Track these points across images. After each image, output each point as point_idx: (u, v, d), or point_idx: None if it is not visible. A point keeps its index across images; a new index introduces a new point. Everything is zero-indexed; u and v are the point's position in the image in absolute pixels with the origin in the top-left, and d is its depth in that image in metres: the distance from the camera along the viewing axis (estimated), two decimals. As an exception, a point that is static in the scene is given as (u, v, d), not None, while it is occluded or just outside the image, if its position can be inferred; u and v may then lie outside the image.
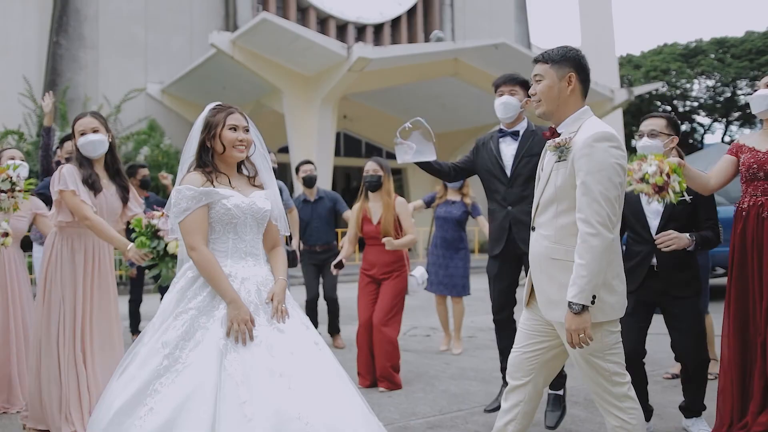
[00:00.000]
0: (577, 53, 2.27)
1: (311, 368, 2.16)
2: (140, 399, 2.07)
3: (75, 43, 15.91)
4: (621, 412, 2.20)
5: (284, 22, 12.43)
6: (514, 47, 14.89)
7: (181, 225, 2.25)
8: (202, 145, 2.34)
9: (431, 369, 4.67)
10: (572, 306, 2.08)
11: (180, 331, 2.14)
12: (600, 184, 2.08)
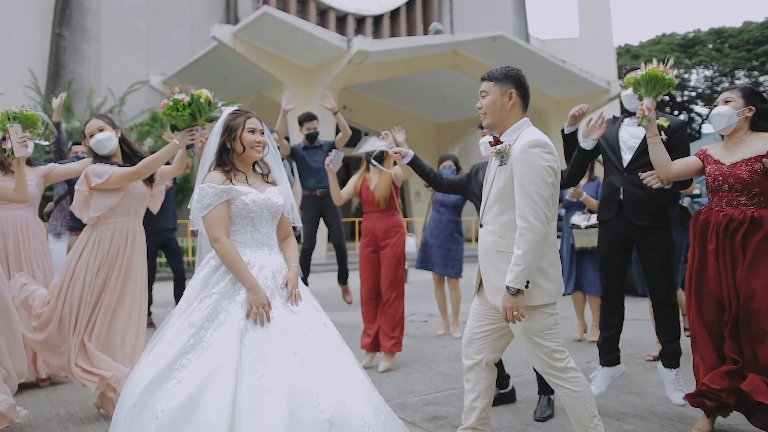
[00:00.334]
0: (517, 72, 2.59)
1: (321, 347, 2.44)
2: (169, 373, 2.34)
3: (78, 35, 16.09)
4: (565, 382, 2.51)
5: (285, 16, 12.64)
6: (512, 39, 15.08)
7: (204, 219, 2.52)
8: (222, 146, 2.61)
9: (428, 352, 4.95)
10: (509, 288, 2.41)
11: (205, 313, 2.41)
12: (534, 184, 2.39)
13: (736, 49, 32.14)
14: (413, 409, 3.53)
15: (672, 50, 33.43)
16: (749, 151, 2.93)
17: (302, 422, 2.21)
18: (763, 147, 2.92)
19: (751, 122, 3.00)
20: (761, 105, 3.00)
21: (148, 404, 2.28)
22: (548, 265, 2.49)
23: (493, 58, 15.56)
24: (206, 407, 2.22)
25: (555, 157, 2.46)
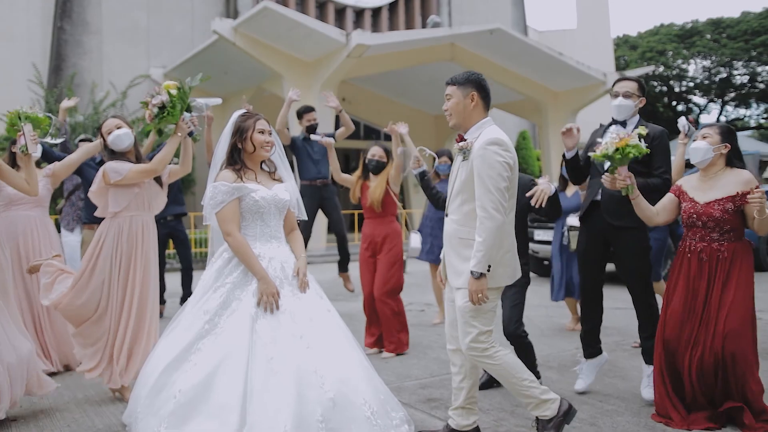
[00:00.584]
0: (478, 77, 2.84)
1: (325, 331, 2.67)
2: (186, 356, 2.56)
3: (79, 29, 16.21)
4: (486, 359, 2.74)
5: (285, 10, 12.77)
6: (509, 32, 15.20)
7: (218, 215, 2.74)
8: (233, 147, 2.81)
9: (425, 340, 5.18)
10: (473, 273, 2.64)
11: (219, 302, 2.64)
12: (492, 178, 2.63)
13: (734, 39, 32.16)
14: (409, 392, 3.76)
15: (670, 41, 33.50)
16: (722, 191, 3.13)
17: (308, 401, 2.44)
18: (734, 187, 3.11)
19: (727, 158, 3.21)
20: (735, 144, 3.20)
21: (166, 384, 2.51)
22: (504, 251, 2.72)
23: (491, 50, 15.70)
24: (220, 387, 2.45)
25: (511, 153, 2.71)
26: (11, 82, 15.02)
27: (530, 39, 17.27)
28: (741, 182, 3.12)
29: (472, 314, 2.71)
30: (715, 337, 3.06)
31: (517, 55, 15.75)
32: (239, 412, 2.40)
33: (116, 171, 3.56)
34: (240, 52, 13.38)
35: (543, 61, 15.86)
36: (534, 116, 18.43)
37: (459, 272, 2.75)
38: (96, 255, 3.57)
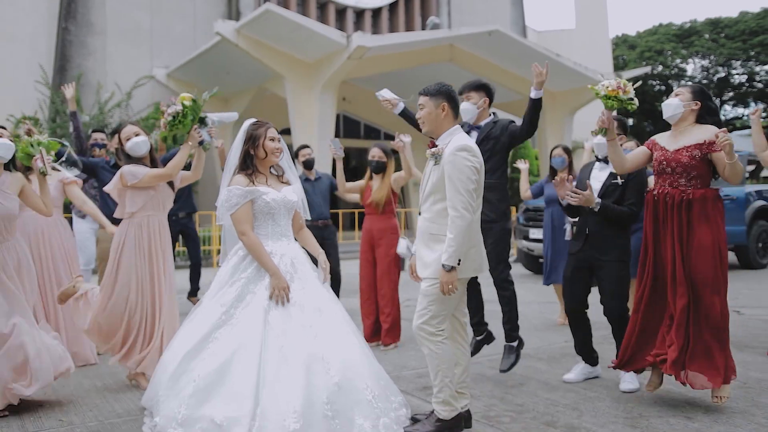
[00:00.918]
0: (449, 88, 3.10)
1: (331, 322, 2.93)
2: (203, 345, 2.82)
3: (83, 29, 16.44)
4: (430, 344, 3.00)
5: (287, 13, 13.00)
6: (507, 34, 15.43)
7: (233, 216, 2.99)
8: (245, 153, 3.07)
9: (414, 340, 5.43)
10: (444, 266, 2.90)
11: (234, 295, 2.90)
12: (461, 181, 2.89)
13: (732, 39, 32.37)
14: (407, 381, 4.02)
15: (668, 40, 33.70)
16: (690, 140, 3.37)
17: (316, 386, 2.70)
18: (703, 136, 3.35)
19: (698, 116, 3.44)
20: (707, 102, 3.45)
21: (186, 370, 2.77)
22: (469, 246, 2.99)
23: (489, 51, 15.93)
24: (235, 373, 2.71)
25: (478, 158, 2.98)
26: (16, 82, 15.26)
27: (528, 40, 17.51)
28: (709, 133, 3.35)
29: (431, 299, 3.00)
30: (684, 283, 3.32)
31: (514, 55, 15.98)
32: (253, 395, 2.66)
33: (133, 174, 3.81)
34: (242, 53, 13.62)
35: (540, 61, 15.86)
36: (532, 116, 18.63)
37: (427, 264, 3.02)
38: (118, 256, 3.82)
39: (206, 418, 2.66)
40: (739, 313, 6.21)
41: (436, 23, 17.25)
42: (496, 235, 3.91)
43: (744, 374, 4.03)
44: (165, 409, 2.78)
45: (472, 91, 4.03)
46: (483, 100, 4.00)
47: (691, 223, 3.33)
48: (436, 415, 3.05)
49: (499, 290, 4.00)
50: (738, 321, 5.81)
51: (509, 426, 3.21)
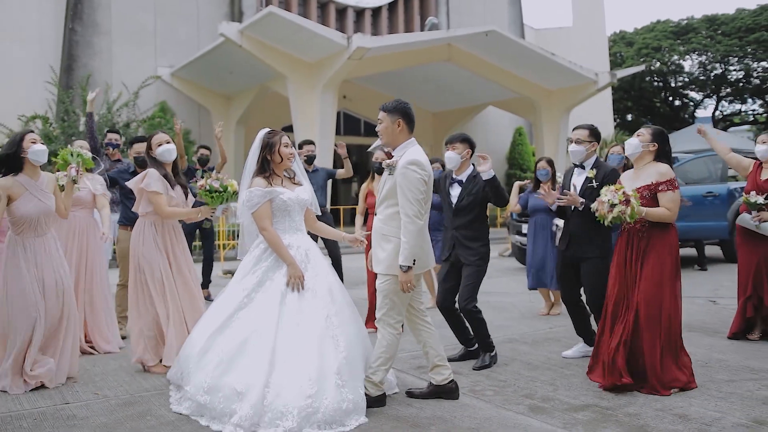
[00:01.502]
0: (404, 105, 3.48)
1: (339, 305, 3.39)
2: (227, 323, 3.26)
3: (89, 30, 16.83)
4: (388, 335, 3.41)
5: (289, 15, 13.41)
6: (504, 34, 15.80)
7: (254, 214, 3.43)
8: (263, 159, 3.49)
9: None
10: (402, 267, 3.29)
11: (255, 281, 3.34)
12: (411, 191, 3.28)
13: (728, 36, 32.66)
14: (402, 362, 4.45)
15: (665, 37, 34.00)
16: (643, 180, 3.80)
17: (327, 358, 3.16)
18: (652, 177, 3.77)
19: (656, 155, 3.87)
20: (663, 145, 3.87)
21: (212, 346, 3.22)
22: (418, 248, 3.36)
23: (486, 51, 16.32)
24: (253, 348, 3.16)
25: (426, 171, 3.34)
26: (25, 82, 15.66)
27: (523, 40, 17.85)
28: (657, 173, 3.78)
29: (385, 293, 3.41)
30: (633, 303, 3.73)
31: (511, 55, 16.37)
32: (267, 366, 3.10)
33: (149, 182, 4.17)
34: (245, 53, 14.01)
35: (536, 60, 16.48)
36: (529, 114, 19.04)
37: (379, 260, 3.41)
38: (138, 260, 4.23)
39: (228, 386, 3.10)
40: (715, 303, 6.64)
41: (435, 23, 17.63)
42: (470, 274, 4.29)
43: (707, 355, 4.46)
44: (194, 380, 3.23)
45: (457, 143, 4.40)
46: (466, 151, 4.39)
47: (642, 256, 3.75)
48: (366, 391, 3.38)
49: (469, 319, 4.38)
50: (712, 310, 6.24)
51: (492, 398, 3.64)
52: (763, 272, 4.92)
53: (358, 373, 3.30)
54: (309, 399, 3.03)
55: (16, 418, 3.37)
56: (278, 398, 3.03)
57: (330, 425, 3.04)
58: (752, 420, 3.19)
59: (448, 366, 3.65)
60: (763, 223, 4.90)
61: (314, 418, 3.01)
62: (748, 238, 5.02)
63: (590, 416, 3.30)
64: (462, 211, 4.35)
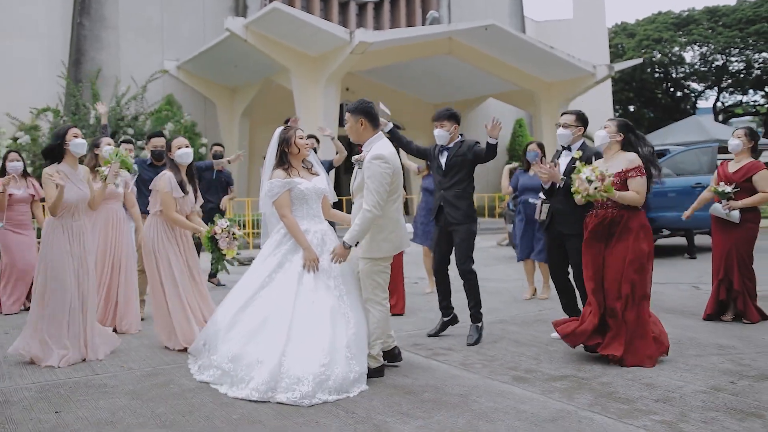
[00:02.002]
0: (366, 105, 3.84)
1: (349, 286, 3.80)
2: (250, 301, 3.67)
3: (97, 24, 17.15)
4: (374, 309, 3.81)
5: (293, 11, 13.72)
6: (503, 28, 16.08)
7: (275, 203, 3.82)
8: (282, 152, 3.87)
9: (416, 304, 6.25)
10: (344, 243, 3.70)
11: (276, 263, 3.75)
12: (374, 184, 3.65)
13: (729, 27, 32.78)
14: (402, 340, 4.82)
15: (666, 29, 34.16)
16: (614, 168, 4.13)
17: (339, 333, 3.57)
18: (622, 165, 4.11)
19: (622, 145, 4.22)
20: (629, 135, 4.22)
21: (237, 321, 3.65)
22: (388, 233, 3.79)
23: (486, 44, 16.61)
24: (273, 322, 3.58)
25: (390, 165, 3.72)
26: (35, 75, 16.01)
27: (523, 34, 18.14)
28: (626, 161, 4.13)
29: (367, 274, 3.81)
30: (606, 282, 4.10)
31: (511, 48, 16.65)
32: (285, 338, 3.49)
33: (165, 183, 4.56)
34: (250, 47, 14.33)
35: (535, 54, 16.76)
36: (528, 105, 19.32)
37: (359, 247, 3.79)
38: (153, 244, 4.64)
39: (250, 355, 3.51)
40: (698, 288, 7.00)
41: (436, 17, 17.89)
42: (462, 235, 4.70)
43: (681, 334, 4.84)
44: (221, 350, 3.66)
45: (444, 120, 4.76)
46: (453, 127, 4.75)
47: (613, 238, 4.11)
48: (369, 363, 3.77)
49: (464, 280, 4.77)
50: (694, 295, 6.61)
51: (480, 370, 4.02)
52: (733, 257, 5.29)
53: (364, 348, 3.70)
54: (322, 367, 3.43)
55: (54, 387, 3.76)
56: (294, 366, 3.42)
57: (339, 392, 3.43)
58: (711, 387, 3.57)
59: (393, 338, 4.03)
60: (732, 211, 5.27)
61: (326, 385, 3.40)
62: (720, 226, 5.38)
63: (567, 385, 3.68)
64: (450, 171, 4.73)
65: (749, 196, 5.29)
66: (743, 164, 5.40)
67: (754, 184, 5.31)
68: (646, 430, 2.97)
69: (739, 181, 5.33)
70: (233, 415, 3.23)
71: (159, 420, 3.18)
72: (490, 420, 3.12)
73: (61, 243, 4.24)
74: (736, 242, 5.30)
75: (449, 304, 4.97)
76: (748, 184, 5.31)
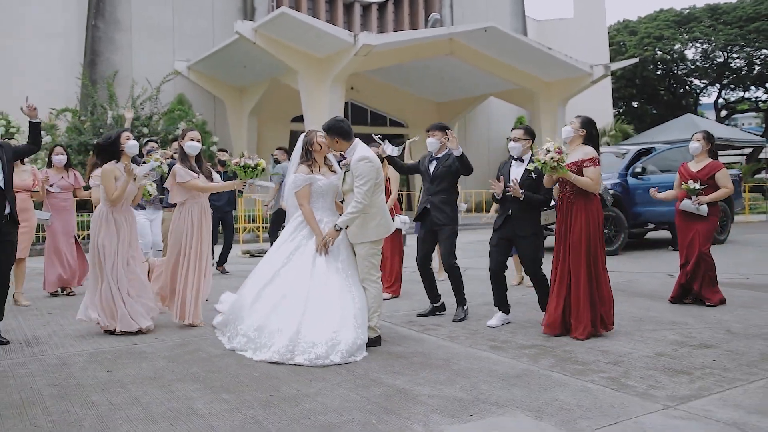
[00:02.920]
0: (338, 125, 4.49)
1: (353, 268, 4.47)
2: (272, 280, 4.36)
3: (111, 26, 17.85)
4: (370, 287, 4.47)
5: (300, 15, 14.40)
6: (502, 30, 16.68)
7: (296, 194, 4.50)
8: (306, 151, 4.56)
9: (413, 288, 6.90)
10: (336, 226, 4.38)
11: (293, 246, 4.45)
12: (363, 179, 4.35)
13: (729, 25, 33.17)
14: (398, 318, 5.50)
15: (668, 27, 34.59)
16: (573, 158, 4.75)
17: (346, 306, 4.26)
18: (580, 156, 4.74)
19: (584, 139, 4.86)
20: (590, 130, 4.85)
21: (260, 297, 4.35)
22: (379, 219, 4.47)
23: (486, 45, 17.21)
24: (291, 298, 4.25)
25: (372, 163, 4.39)
26: (52, 76, 16.73)
27: (521, 36, 18.73)
28: (584, 153, 4.77)
29: (364, 257, 4.50)
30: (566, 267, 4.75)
31: (510, 49, 17.26)
32: (301, 312, 4.17)
33: (181, 176, 5.26)
34: (258, 49, 15.00)
35: (533, 54, 17.36)
36: (528, 104, 19.93)
37: (354, 234, 4.46)
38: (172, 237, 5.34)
39: (272, 324, 4.20)
40: (672, 276, 7.61)
41: (437, 19, 18.50)
42: (446, 234, 5.42)
43: (644, 313, 5.49)
44: (247, 321, 4.35)
45: (436, 131, 5.48)
46: (443, 137, 5.42)
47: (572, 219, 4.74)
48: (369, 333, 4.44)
49: (449, 273, 5.46)
50: (666, 282, 7.24)
51: (463, 341, 4.68)
52: (695, 245, 5.92)
53: (365, 320, 4.37)
54: (334, 333, 4.12)
55: (101, 353, 4.45)
56: (310, 333, 4.10)
57: (347, 356, 4.11)
58: (655, 353, 4.22)
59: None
60: (701, 206, 5.90)
61: (337, 348, 4.09)
62: (684, 219, 6.02)
63: (535, 352, 4.34)
64: (437, 179, 5.43)
65: (712, 192, 5.93)
66: (706, 164, 6.04)
67: (717, 181, 5.95)
68: (593, 383, 3.63)
69: (704, 178, 5.97)
70: (254, 373, 3.90)
71: (193, 377, 3.86)
72: (467, 376, 3.79)
73: (110, 230, 4.97)
74: (699, 233, 5.93)
75: (436, 292, 5.67)
76: (711, 181, 5.95)
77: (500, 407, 3.26)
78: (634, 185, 10.35)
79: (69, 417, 3.21)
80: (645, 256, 9.82)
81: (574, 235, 4.73)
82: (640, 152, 10.83)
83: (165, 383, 3.74)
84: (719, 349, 4.32)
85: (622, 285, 6.94)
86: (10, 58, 16.42)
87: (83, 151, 13.63)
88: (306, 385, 3.66)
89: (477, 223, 11.78)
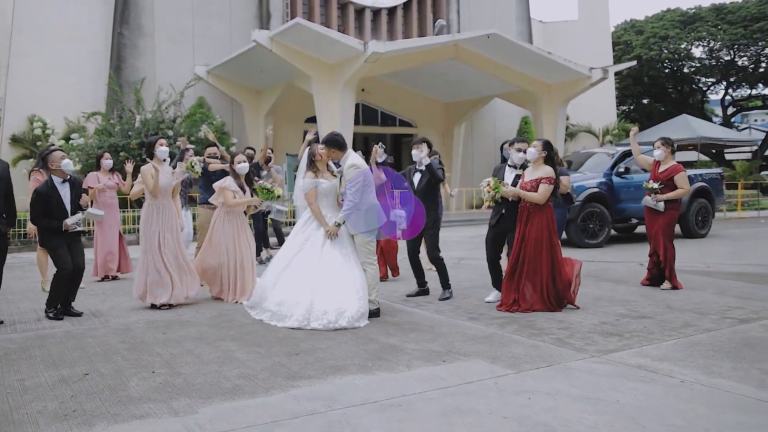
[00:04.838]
0: (333, 138, 5.54)
1: (353, 252, 5.51)
2: (288, 265, 5.41)
3: (135, 33, 18.97)
4: (368, 268, 5.52)
5: (313, 26, 15.42)
6: (503, 36, 17.59)
7: (305, 195, 5.53)
8: (311, 160, 5.59)
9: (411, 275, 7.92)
10: (336, 222, 5.43)
11: (304, 237, 5.49)
12: (351, 183, 5.34)
13: (734, 25, 33.71)
14: (395, 298, 6.53)
15: (673, 26, 35.22)
16: (534, 176, 5.77)
17: (350, 283, 5.28)
18: (539, 174, 5.72)
19: (544, 160, 5.84)
20: (550, 152, 5.83)
21: (278, 281, 5.40)
22: (374, 215, 5.48)
23: (489, 50, 18.13)
24: (305, 278, 5.29)
25: (360, 169, 5.41)
26: (78, 80, 17.89)
27: (521, 42, 19.60)
28: (543, 172, 5.76)
29: (361, 243, 5.54)
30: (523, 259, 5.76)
31: (511, 53, 18.18)
32: (314, 288, 5.21)
33: (229, 185, 6.37)
34: (274, 56, 16.05)
35: (535, 58, 18.27)
36: (530, 105, 20.80)
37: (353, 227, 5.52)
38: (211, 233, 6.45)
39: (291, 299, 5.25)
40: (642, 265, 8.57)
41: (443, 25, 19.45)
42: (431, 233, 6.49)
43: (605, 295, 6.48)
44: (270, 299, 5.42)
45: (420, 144, 6.48)
46: (427, 150, 6.45)
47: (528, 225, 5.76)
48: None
49: (435, 264, 6.52)
50: (635, 270, 8.20)
51: (447, 314, 5.71)
52: (659, 237, 6.89)
53: (366, 294, 5.40)
54: (341, 303, 5.16)
55: (154, 321, 5.53)
56: (321, 304, 5.15)
57: (353, 321, 5.15)
58: (600, 322, 5.22)
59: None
60: (659, 202, 6.88)
61: (344, 315, 5.13)
62: (650, 214, 7.02)
63: (503, 321, 5.36)
64: (421, 191, 6.48)
65: (672, 191, 6.91)
66: (668, 166, 7.02)
67: (675, 182, 6.93)
68: (543, 342, 4.64)
69: (664, 179, 6.96)
70: (279, 335, 4.96)
71: (231, 337, 4.92)
72: (445, 337, 4.82)
73: (153, 218, 6.10)
74: (662, 226, 6.91)
75: (423, 280, 6.74)
76: (671, 182, 6.93)
77: (466, 356, 4.29)
78: (618, 184, 11.30)
79: (142, 361, 4.29)
80: (624, 249, 10.78)
81: (535, 234, 5.74)
82: (624, 153, 11.76)
83: (210, 341, 4.81)
84: (654, 319, 5.32)
85: (595, 272, 7.92)
86: (42, 63, 17.55)
87: (113, 153, 14.74)
88: (319, 342, 4.71)
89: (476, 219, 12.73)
